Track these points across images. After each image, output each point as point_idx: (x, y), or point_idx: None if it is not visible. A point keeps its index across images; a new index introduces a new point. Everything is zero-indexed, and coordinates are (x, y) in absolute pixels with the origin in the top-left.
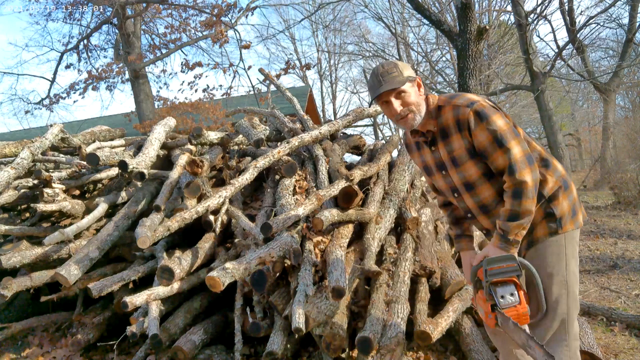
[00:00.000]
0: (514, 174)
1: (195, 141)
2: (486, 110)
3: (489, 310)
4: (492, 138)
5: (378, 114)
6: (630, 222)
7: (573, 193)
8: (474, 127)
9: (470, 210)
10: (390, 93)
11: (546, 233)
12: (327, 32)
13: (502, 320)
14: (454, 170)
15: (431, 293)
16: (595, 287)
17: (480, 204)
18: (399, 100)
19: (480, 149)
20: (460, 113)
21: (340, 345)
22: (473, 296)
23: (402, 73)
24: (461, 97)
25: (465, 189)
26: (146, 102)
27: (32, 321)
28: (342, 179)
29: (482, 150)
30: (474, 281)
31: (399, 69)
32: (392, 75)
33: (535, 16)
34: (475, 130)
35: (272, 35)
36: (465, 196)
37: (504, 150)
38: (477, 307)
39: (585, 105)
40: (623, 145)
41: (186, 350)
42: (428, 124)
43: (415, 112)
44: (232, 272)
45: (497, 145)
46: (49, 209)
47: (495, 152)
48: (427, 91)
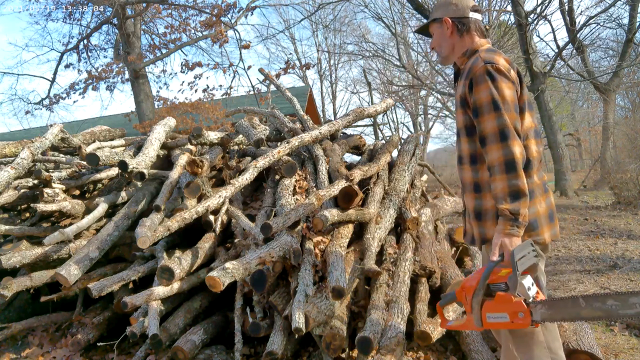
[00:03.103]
0: (506, 140)
1: (195, 141)
2: (498, 74)
3: (523, 308)
4: (489, 99)
5: (378, 113)
6: (630, 222)
7: (537, 206)
8: (478, 81)
9: (458, 157)
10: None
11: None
12: (327, 32)
13: (541, 312)
14: (456, 111)
15: (431, 293)
16: (595, 287)
17: (459, 152)
18: (433, 37)
19: (475, 105)
20: (476, 64)
21: (340, 345)
22: (474, 308)
23: (432, 14)
24: (492, 52)
25: (456, 133)
26: (146, 102)
27: (32, 321)
28: (342, 179)
29: (477, 108)
30: (483, 286)
31: (437, 7)
32: (431, 14)
33: (535, 16)
34: (477, 86)
35: (272, 35)
36: (457, 141)
37: (499, 114)
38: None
39: (585, 105)
40: (623, 145)
41: (186, 350)
42: (462, 62)
43: (437, 51)
44: (232, 272)
45: (493, 107)
46: (49, 209)
47: (490, 113)
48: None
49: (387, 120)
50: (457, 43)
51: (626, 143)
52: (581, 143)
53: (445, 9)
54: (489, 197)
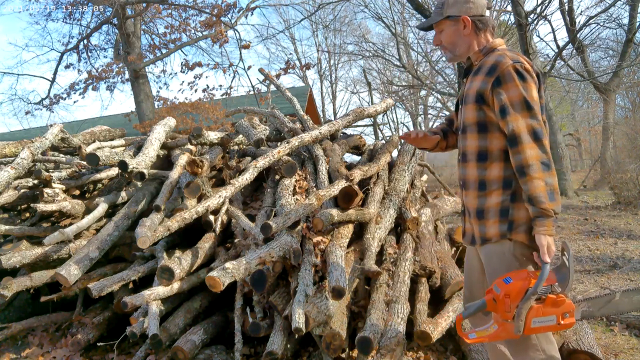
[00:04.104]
0: (540, 140)
1: (195, 141)
2: (527, 74)
3: (572, 307)
4: (522, 98)
5: (378, 113)
6: (630, 222)
7: None
8: (506, 79)
9: (459, 153)
10: (434, 25)
11: (497, 234)
12: (327, 32)
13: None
14: (464, 107)
15: (431, 293)
16: (595, 287)
17: (464, 149)
18: (439, 34)
19: (504, 103)
20: (501, 61)
21: (340, 345)
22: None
23: (446, 10)
24: (515, 53)
25: (462, 129)
26: (146, 102)
27: (32, 321)
28: (342, 179)
29: (506, 106)
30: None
31: (448, 3)
32: (437, 10)
33: (535, 16)
34: (506, 84)
35: (272, 35)
36: (460, 137)
37: (532, 114)
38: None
39: (585, 105)
40: (623, 145)
41: (186, 350)
42: (477, 58)
43: (447, 49)
44: (232, 272)
45: (525, 107)
46: (49, 209)
47: (522, 112)
48: (488, 32)
49: (387, 120)
50: (473, 41)
51: (626, 143)
52: (581, 143)
53: (461, 6)
54: (493, 195)
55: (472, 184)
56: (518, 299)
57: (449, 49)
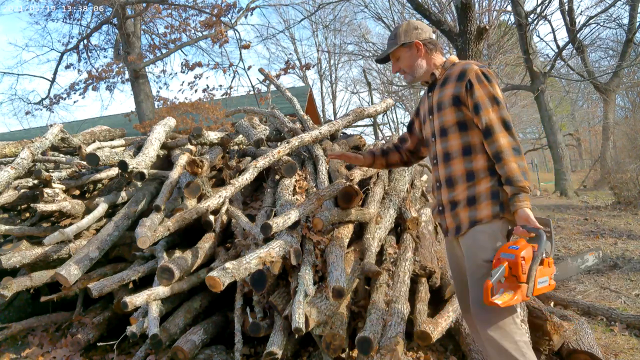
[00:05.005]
0: (510, 129)
1: (195, 141)
2: (491, 77)
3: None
4: (491, 95)
5: (378, 114)
6: (630, 222)
7: None
8: (476, 81)
9: (437, 157)
10: (390, 55)
11: (489, 215)
12: (327, 32)
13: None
14: (437, 114)
15: (431, 293)
16: (595, 287)
17: (445, 150)
18: (396, 62)
19: (478, 101)
20: (468, 68)
21: (340, 345)
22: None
23: (400, 39)
24: (476, 62)
25: (440, 134)
26: (146, 102)
27: (32, 321)
28: (342, 179)
29: (480, 102)
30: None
31: (400, 34)
32: (390, 41)
33: (535, 16)
34: (477, 85)
35: (272, 35)
36: (437, 141)
37: (501, 107)
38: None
39: (585, 105)
40: (623, 145)
41: (186, 350)
42: (441, 73)
43: (407, 72)
44: (232, 272)
45: (495, 102)
46: (49, 209)
47: (492, 106)
48: (438, 51)
49: (387, 120)
50: (430, 61)
51: (626, 143)
52: (581, 143)
53: (411, 33)
54: (482, 182)
55: (460, 177)
56: (531, 261)
57: (409, 72)
